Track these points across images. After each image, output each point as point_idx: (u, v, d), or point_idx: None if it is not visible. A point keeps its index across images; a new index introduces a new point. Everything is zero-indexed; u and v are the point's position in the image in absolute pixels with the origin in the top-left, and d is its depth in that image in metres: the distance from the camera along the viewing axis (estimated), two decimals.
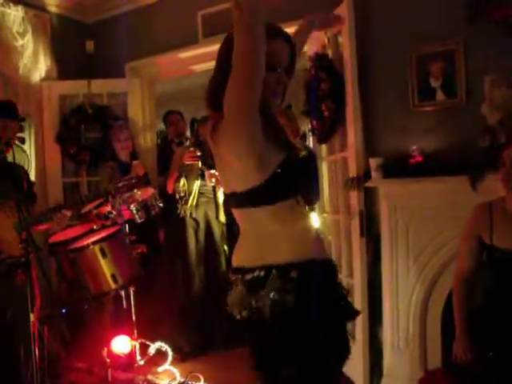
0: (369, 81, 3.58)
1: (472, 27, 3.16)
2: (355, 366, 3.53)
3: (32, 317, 2.46)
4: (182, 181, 4.34)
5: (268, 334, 1.69)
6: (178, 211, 4.34)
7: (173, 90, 7.07)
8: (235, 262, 1.85)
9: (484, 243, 2.59)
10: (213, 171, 4.19)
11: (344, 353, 1.86)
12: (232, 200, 1.79)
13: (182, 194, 4.33)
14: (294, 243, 1.72)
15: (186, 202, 4.33)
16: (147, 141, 5.23)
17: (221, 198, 4.44)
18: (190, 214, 4.34)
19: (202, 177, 4.34)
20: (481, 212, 2.62)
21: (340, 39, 3.65)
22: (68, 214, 3.27)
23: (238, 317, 1.73)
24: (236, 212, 1.84)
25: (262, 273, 1.68)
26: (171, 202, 4.38)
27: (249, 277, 1.72)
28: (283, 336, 1.67)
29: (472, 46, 3.21)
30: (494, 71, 3.06)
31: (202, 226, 4.41)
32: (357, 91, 3.45)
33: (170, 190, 4.40)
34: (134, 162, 4.57)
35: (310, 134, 4.17)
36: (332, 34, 3.71)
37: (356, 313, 1.92)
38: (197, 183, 4.35)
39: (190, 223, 4.36)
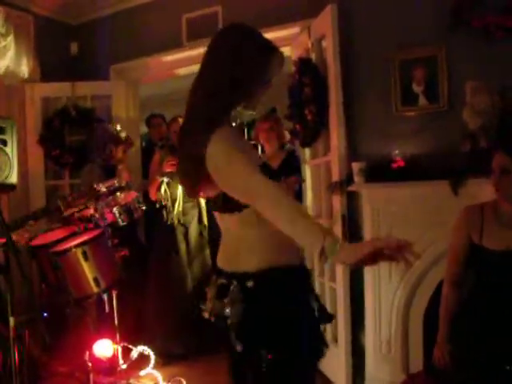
0: (352, 85, 3.60)
1: (454, 34, 3.20)
2: (338, 369, 3.54)
3: (12, 321, 2.43)
4: (164, 188, 4.30)
5: (236, 339, 1.73)
6: (165, 219, 4.30)
7: (157, 93, 7.06)
8: (218, 262, 1.89)
9: (473, 243, 2.60)
10: None
11: (318, 352, 1.85)
12: (208, 205, 1.85)
13: (165, 202, 4.30)
14: (258, 252, 1.73)
15: (172, 209, 4.30)
16: None
17: (203, 200, 4.42)
18: (178, 220, 4.32)
19: None
20: (472, 213, 2.61)
21: (324, 44, 3.67)
22: None
23: (207, 317, 1.83)
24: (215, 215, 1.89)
25: (226, 281, 1.73)
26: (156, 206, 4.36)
27: (219, 282, 1.78)
28: (249, 343, 1.72)
29: (454, 53, 3.25)
30: (475, 77, 3.09)
31: (191, 229, 4.39)
32: (340, 96, 3.47)
33: (152, 197, 4.36)
34: (120, 167, 4.53)
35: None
36: (316, 38, 3.73)
37: (330, 317, 1.93)
38: (180, 188, 4.31)
39: (179, 229, 4.34)
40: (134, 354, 3.84)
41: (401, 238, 1.43)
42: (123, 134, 4.53)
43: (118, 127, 4.56)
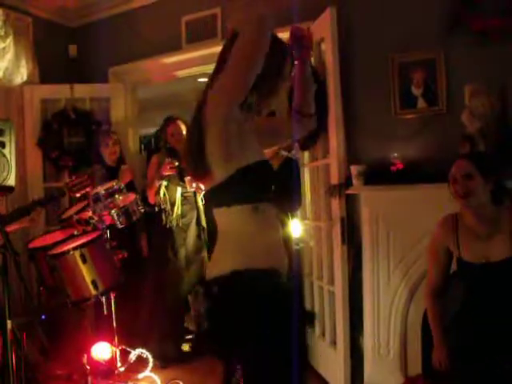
0: (351, 88, 3.60)
1: (453, 37, 3.20)
2: (336, 372, 3.53)
3: (9, 323, 2.43)
4: (162, 191, 4.28)
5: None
6: (164, 222, 4.28)
7: (158, 95, 7.06)
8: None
9: (455, 256, 2.62)
10: None
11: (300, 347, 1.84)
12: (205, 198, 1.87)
13: (164, 206, 4.28)
14: (229, 254, 1.73)
15: (171, 212, 4.27)
16: (130, 146, 5.20)
17: (201, 202, 4.41)
18: (177, 223, 4.30)
19: (183, 181, 4.28)
20: (446, 225, 2.65)
21: (323, 46, 3.67)
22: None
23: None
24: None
25: (201, 289, 1.74)
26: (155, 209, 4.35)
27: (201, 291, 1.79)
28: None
29: (453, 55, 3.25)
30: (474, 80, 3.09)
31: (190, 232, 4.38)
32: (339, 98, 3.47)
33: (151, 200, 4.33)
34: (123, 167, 4.51)
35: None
36: (315, 41, 3.72)
37: (311, 316, 1.94)
38: (179, 190, 4.30)
39: (177, 232, 4.32)
40: (132, 356, 3.84)
41: None
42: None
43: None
